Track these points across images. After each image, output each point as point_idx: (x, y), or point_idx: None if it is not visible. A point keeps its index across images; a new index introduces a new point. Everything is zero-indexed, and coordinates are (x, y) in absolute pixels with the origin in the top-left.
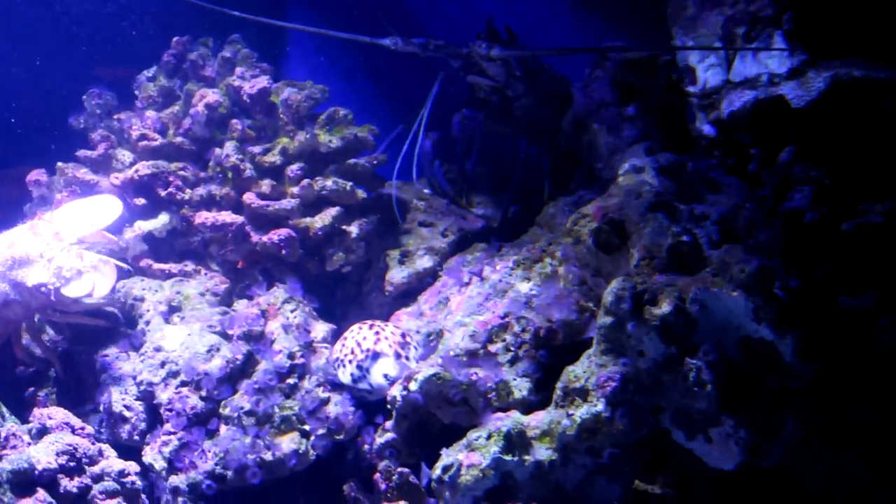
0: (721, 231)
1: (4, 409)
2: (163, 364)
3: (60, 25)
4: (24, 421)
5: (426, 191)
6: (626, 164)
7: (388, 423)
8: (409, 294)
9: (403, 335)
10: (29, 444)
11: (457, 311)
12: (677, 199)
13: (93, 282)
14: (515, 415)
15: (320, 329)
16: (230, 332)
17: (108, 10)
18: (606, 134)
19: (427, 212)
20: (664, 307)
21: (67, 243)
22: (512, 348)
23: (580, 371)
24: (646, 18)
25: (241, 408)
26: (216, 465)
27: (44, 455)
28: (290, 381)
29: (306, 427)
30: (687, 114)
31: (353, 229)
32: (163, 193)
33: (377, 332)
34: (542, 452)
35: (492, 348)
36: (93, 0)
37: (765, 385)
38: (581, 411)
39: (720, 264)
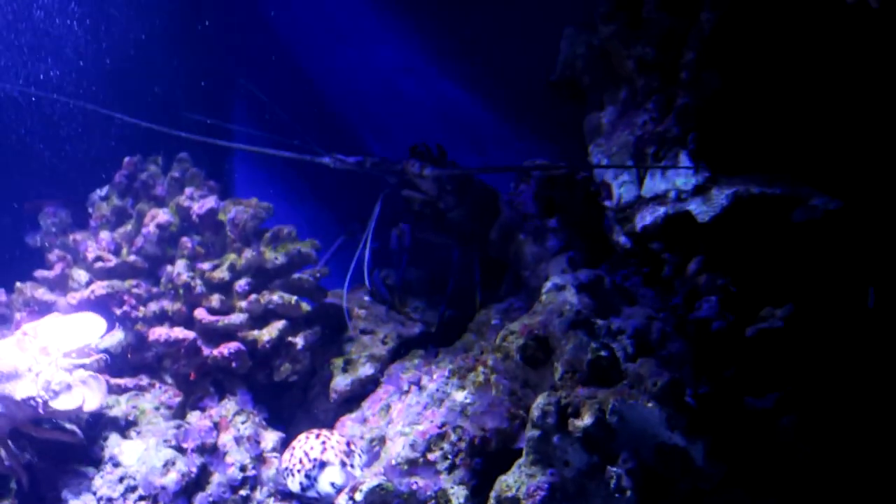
0: (636, 344)
1: None
2: (121, 479)
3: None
4: None
5: (366, 298)
6: (549, 283)
7: None
8: (352, 400)
9: (348, 443)
10: None
11: (398, 420)
12: (596, 314)
13: (83, 396)
14: None
15: (270, 438)
16: (185, 445)
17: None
18: (532, 244)
19: (367, 319)
20: (586, 419)
21: (55, 358)
22: (449, 456)
23: (511, 481)
24: (568, 136)
25: None
26: None
27: None
28: (243, 492)
29: None
30: (605, 224)
31: (299, 340)
32: (118, 312)
33: (323, 442)
34: None
35: (430, 457)
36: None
37: (678, 487)
38: None
39: (635, 377)
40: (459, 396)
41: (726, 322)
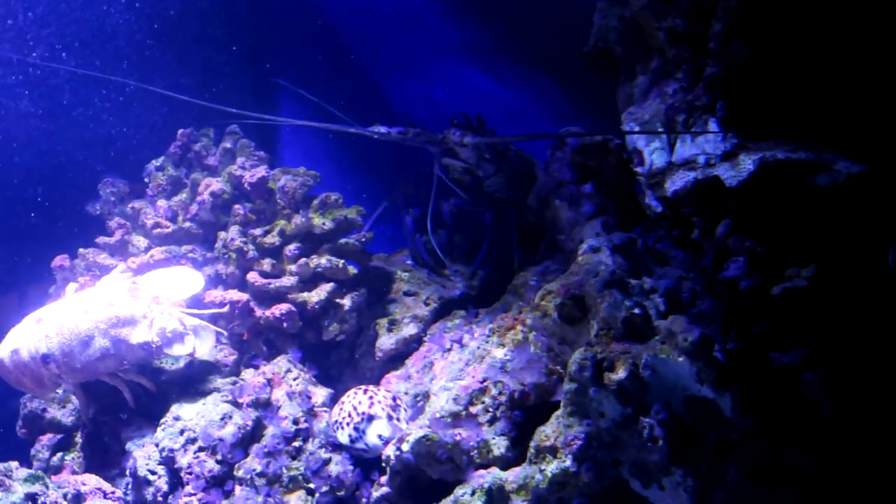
0: (668, 302)
1: (47, 479)
2: (181, 431)
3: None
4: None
5: (409, 262)
6: (585, 245)
7: (384, 479)
8: (397, 358)
9: (394, 398)
10: None
11: (441, 376)
12: (629, 275)
13: (193, 344)
14: (495, 471)
15: (320, 394)
16: (240, 400)
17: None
18: (567, 209)
19: (410, 282)
20: (620, 373)
21: (165, 307)
22: (490, 410)
23: (549, 431)
24: (602, 105)
25: (254, 470)
26: None
27: None
28: (296, 444)
29: (311, 485)
30: (637, 189)
31: (346, 302)
32: None
33: (371, 397)
34: None
35: (473, 410)
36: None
37: (709, 437)
38: (552, 467)
39: (667, 333)
40: (499, 353)
41: (754, 281)
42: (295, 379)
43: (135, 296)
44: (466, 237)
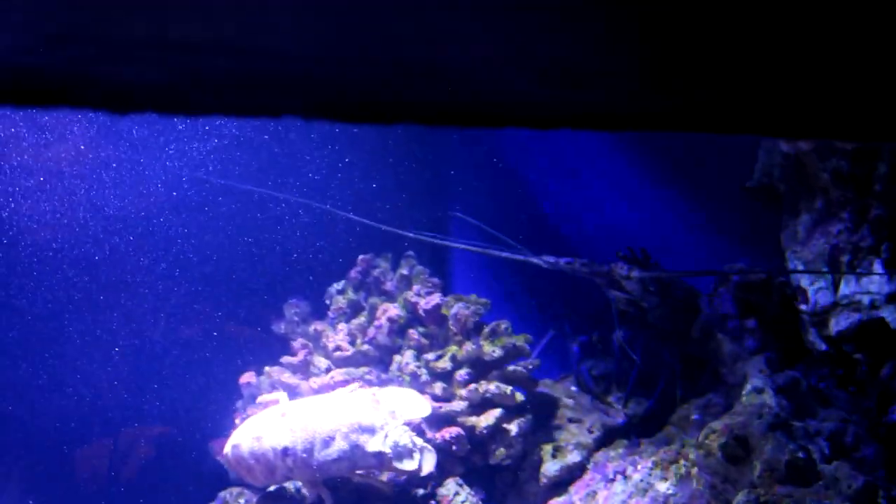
0: (831, 446)
1: None
2: None
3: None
4: None
5: (573, 388)
6: (749, 386)
7: None
8: (560, 484)
9: None
10: None
11: None
12: (793, 416)
13: (419, 461)
14: None
15: None
16: None
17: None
18: (730, 343)
19: (574, 409)
20: None
21: (399, 423)
22: None
23: None
24: (766, 242)
25: None
26: None
27: None
28: None
29: None
30: (800, 326)
31: (513, 427)
32: None
33: None
34: None
35: None
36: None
37: None
38: None
39: (831, 479)
40: (662, 487)
41: None
42: (463, 501)
43: (375, 407)
44: (628, 364)
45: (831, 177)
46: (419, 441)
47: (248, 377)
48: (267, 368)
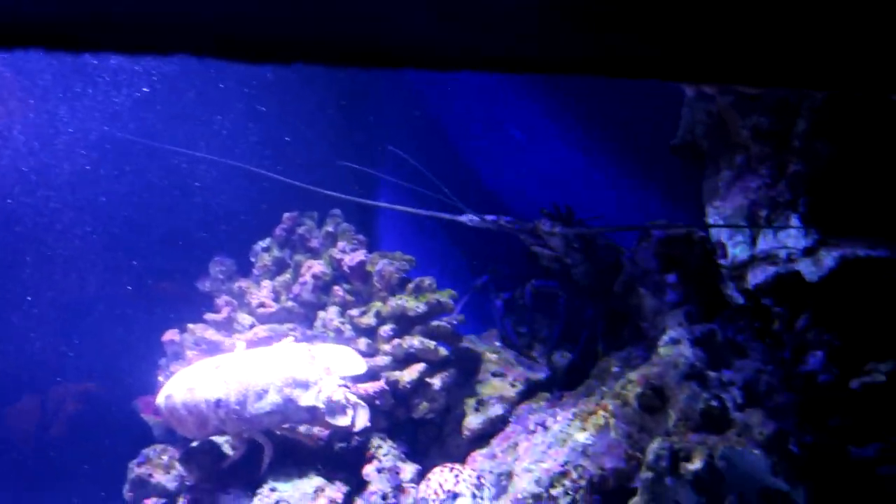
0: (745, 395)
1: None
2: (277, 503)
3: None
4: None
5: (497, 343)
6: (666, 337)
7: None
8: (483, 437)
9: (479, 477)
10: None
11: (524, 457)
12: (708, 367)
13: (351, 417)
14: None
15: (408, 470)
16: (333, 473)
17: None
18: (651, 298)
19: (498, 363)
20: (697, 463)
21: (334, 378)
22: (570, 493)
23: None
24: (691, 198)
25: None
26: None
27: None
28: None
29: None
30: (719, 280)
31: (437, 382)
32: None
33: (456, 475)
34: None
35: (553, 492)
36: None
37: None
38: None
39: (743, 426)
40: (581, 437)
41: (831, 375)
42: (385, 455)
43: (310, 363)
44: (550, 318)
45: (751, 133)
46: (353, 397)
47: (171, 334)
48: (190, 326)
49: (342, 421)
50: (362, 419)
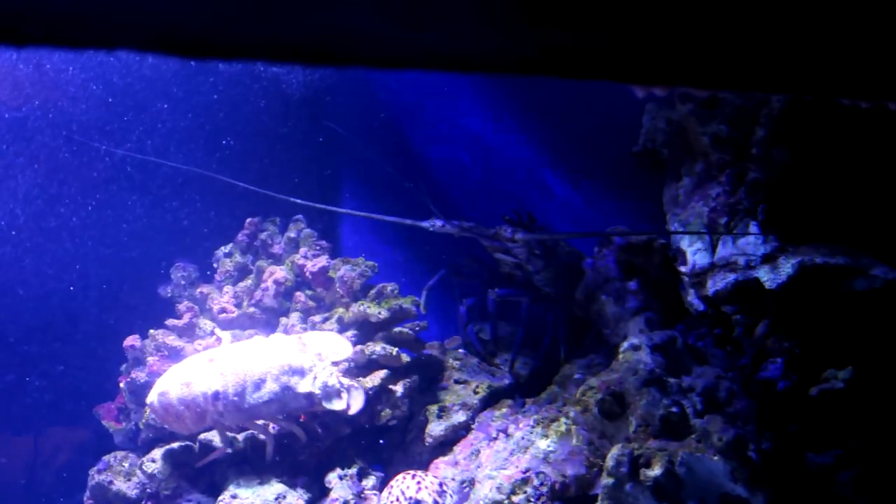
0: (705, 401)
1: None
2: None
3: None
4: None
5: (460, 350)
6: (626, 343)
7: None
8: (445, 444)
9: (441, 484)
10: None
11: (486, 464)
12: (668, 373)
13: (347, 401)
14: None
15: (370, 477)
16: (294, 480)
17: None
18: (612, 304)
19: (461, 370)
20: (656, 470)
21: (327, 364)
22: (532, 500)
23: None
24: (650, 204)
25: None
26: None
27: None
28: None
29: None
30: (680, 287)
31: (399, 388)
32: None
33: (418, 482)
34: None
35: (515, 499)
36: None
37: None
38: None
39: (703, 432)
40: (543, 444)
41: (791, 382)
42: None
43: (303, 350)
44: (514, 326)
45: (711, 141)
46: (346, 381)
47: (131, 340)
48: (151, 331)
49: (338, 405)
50: (357, 402)
